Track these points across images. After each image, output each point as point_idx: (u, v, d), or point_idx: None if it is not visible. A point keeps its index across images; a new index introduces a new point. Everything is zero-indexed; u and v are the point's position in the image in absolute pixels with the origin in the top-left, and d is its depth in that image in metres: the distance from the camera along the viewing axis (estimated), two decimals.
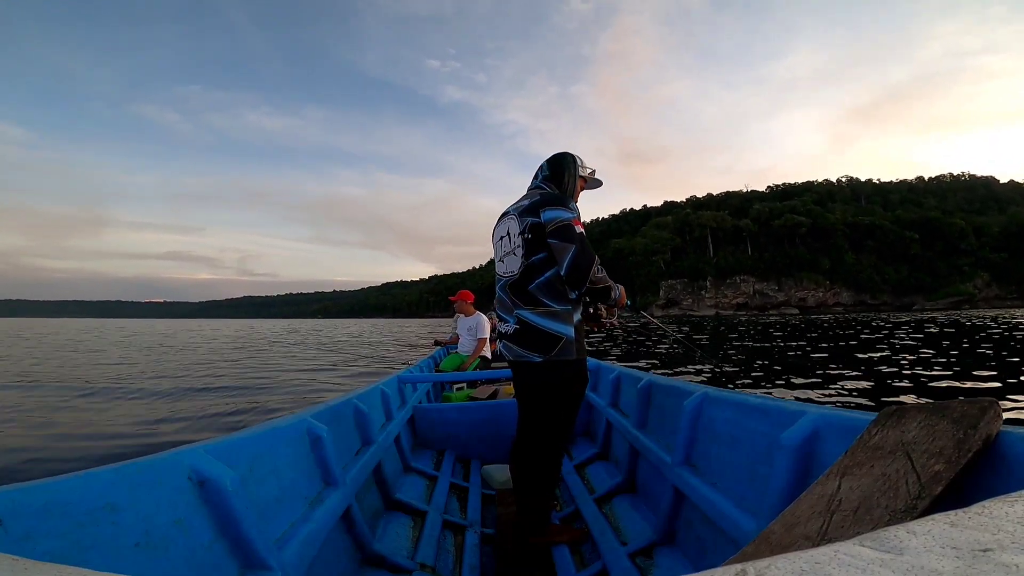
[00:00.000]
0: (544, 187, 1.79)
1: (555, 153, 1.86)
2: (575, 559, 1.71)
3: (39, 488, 0.72)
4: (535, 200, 1.67)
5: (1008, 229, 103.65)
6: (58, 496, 0.74)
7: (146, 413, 5.21)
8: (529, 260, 1.65)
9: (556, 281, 1.65)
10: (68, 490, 0.75)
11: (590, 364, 3.25)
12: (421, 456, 2.76)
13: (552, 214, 1.61)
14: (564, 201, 1.65)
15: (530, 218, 1.65)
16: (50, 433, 4.31)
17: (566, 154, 1.85)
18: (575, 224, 1.60)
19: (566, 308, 1.66)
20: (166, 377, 8.24)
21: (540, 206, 1.64)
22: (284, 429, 1.39)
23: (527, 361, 1.66)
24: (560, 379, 1.65)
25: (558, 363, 1.63)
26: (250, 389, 6.95)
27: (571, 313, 1.66)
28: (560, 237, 1.59)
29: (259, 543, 1.03)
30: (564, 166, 1.82)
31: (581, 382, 1.70)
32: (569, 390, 1.67)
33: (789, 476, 1.13)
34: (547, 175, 1.81)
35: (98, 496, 0.79)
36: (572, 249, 1.57)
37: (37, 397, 6.23)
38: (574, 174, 1.82)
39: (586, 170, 1.87)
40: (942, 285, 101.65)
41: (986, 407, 0.73)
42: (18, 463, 3.42)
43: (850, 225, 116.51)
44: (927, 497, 0.66)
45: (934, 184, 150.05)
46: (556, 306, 1.64)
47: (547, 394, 1.67)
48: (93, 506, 0.77)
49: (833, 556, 0.34)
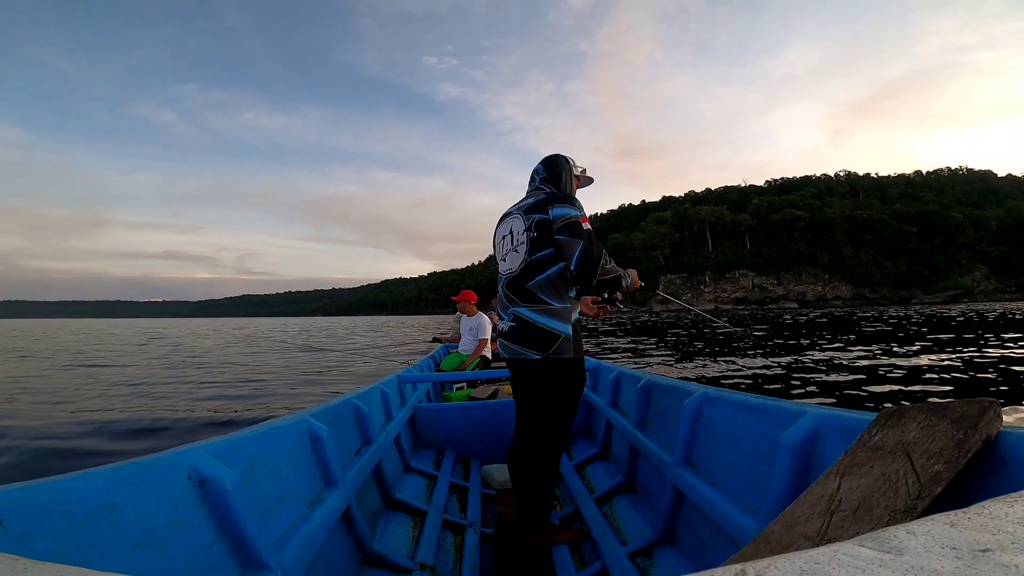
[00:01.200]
0: (545, 188, 1.82)
1: (548, 156, 1.90)
2: (575, 559, 1.70)
3: (39, 488, 0.72)
4: (541, 198, 1.69)
5: (1006, 223, 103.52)
6: (58, 496, 0.74)
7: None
8: (532, 257, 1.67)
9: (557, 279, 1.66)
10: (68, 490, 0.75)
11: (590, 364, 3.25)
12: (421, 456, 2.76)
13: (560, 211, 1.63)
14: (571, 199, 1.68)
15: (537, 215, 1.66)
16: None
17: (559, 156, 1.89)
18: (583, 221, 1.62)
19: (564, 306, 1.66)
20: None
21: (548, 203, 1.66)
22: (284, 429, 1.39)
23: (524, 358, 1.67)
24: (557, 377, 1.66)
25: (555, 361, 1.63)
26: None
27: (569, 311, 1.67)
28: (568, 233, 1.61)
29: (259, 543, 1.03)
30: (560, 167, 1.85)
31: (578, 381, 1.71)
32: (566, 389, 1.68)
33: (789, 476, 1.13)
34: (546, 177, 1.84)
35: (98, 496, 0.79)
36: (580, 244, 1.58)
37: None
38: (571, 174, 1.87)
39: (577, 168, 1.91)
40: (940, 279, 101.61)
41: (986, 407, 0.73)
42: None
43: (848, 219, 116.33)
44: (927, 497, 0.66)
45: (932, 178, 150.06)
46: (555, 304, 1.65)
47: (544, 392, 1.68)
48: (93, 506, 0.77)
49: (833, 556, 0.34)
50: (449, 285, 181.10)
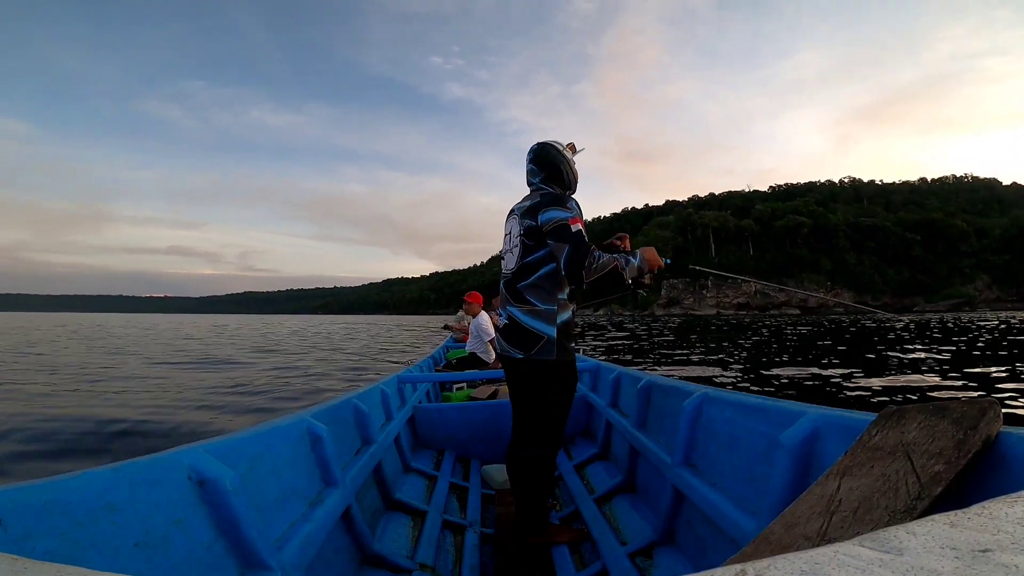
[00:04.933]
0: (544, 187, 1.80)
1: (534, 149, 1.83)
2: (575, 559, 1.70)
3: (39, 488, 0.72)
4: (536, 202, 1.70)
5: (1010, 231, 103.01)
6: (58, 496, 0.74)
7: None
8: (523, 260, 1.70)
9: (546, 281, 1.68)
10: (68, 490, 0.75)
11: (590, 364, 3.25)
12: (421, 456, 2.76)
13: (549, 215, 1.63)
14: (563, 200, 1.67)
15: (528, 220, 1.68)
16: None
17: (546, 147, 1.81)
18: (572, 223, 1.61)
19: (550, 308, 1.68)
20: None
21: (538, 208, 1.66)
22: (284, 429, 1.39)
23: (510, 356, 1.72)
24: (538, 378, 1.69)
25: (536, 362, 1.67)
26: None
27: (555, 314, 1.68)
28: (555, 237, 1.61)
29: (259, 543, 1.03)
30: (554, 159, 1.80)
31: (561, 384, 1.72)
32: (548, 390, 1.70)
33: (789, 476, 1.13)
34: (544, 176, 1.81)
35: (98, 496, 0.79)
36: (567, 248, 1.59)
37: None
38: (567, 162, 1.82)
39: (568, 153, 1.85)
40: (943, 287, 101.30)
41: (986, 408, 0.73)
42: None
43: (852, 226, 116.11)
44: (927, 498, 0.66)
45: (937, 185, 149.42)
46: (540, 305, 1.68)
47: (529, 393, 1.72)
48: (93, 506, 0.77)
49: (833, 556, 0.34)
50: (451, 286, 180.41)
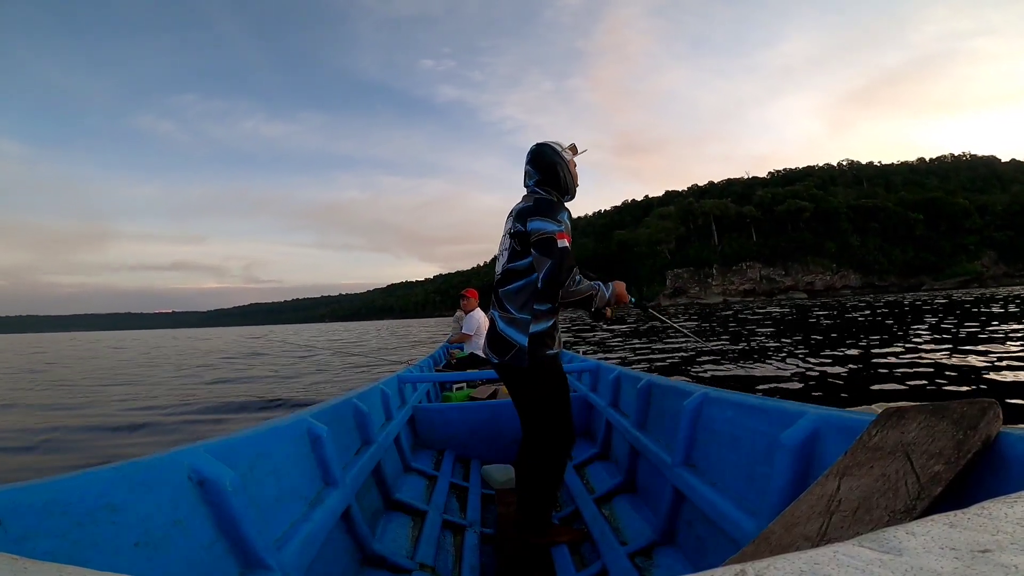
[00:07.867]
0: (539, 191, 1.76)
1: (533, 150, 1.80)
2: (575, 559, 1.70)
3: (39, 488, 0.73)
4: (528, 206, 1.69)
5: (1012, 207, 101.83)
6: (58, 496, 0.74)
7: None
8: (509, 266, 1.73)
9: (524, 290, 1.70)
10: (68, 490, 0.76)
11: (590, 364, 3.26)
12: (421, 456, 2.76)
13: (537, 225, 1.63)
14: (553, 212, 1.64)
15: (518, 225, 1.69)
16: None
17: (544, 148, 1.78)
18: (559, 238, 1.60)
19: (524, 317, 1.69)
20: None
21: (529, 215, 1.66)
22: (284, 429, 1.40)
23: (490, 359, 1.79)
24: (513, 383, 1.76)
25: (510, 368, 1.71)
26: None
27: (528, 323, 1.69)
28: (540, 250, 1.62)
29: (259, 543, 1.03)
30: (551, 161, 1.76)
31: (538, 391, 1.73)
32: (526, 396, 1.75)
33: (789, 476, 1.13)
34: (540, 179, 1.77)
35: (98, 496, 0.79)
36: (549, 264, 1.60)
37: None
38: (565, 164, 1.78)
39: (567, 154, 1.82)
40: (948, 265, 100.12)
41: (986, 408, 0.73)
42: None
43: (853, 208, 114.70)
44: (927, 498, 0.66)
45: (935, 165, 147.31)
46: (515, 314, 1.70)
47: (516, 394, 1.79)
48: (93, 506, 0.77)
49: (833, 556, 0.34)
50: (455, 287, 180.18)
